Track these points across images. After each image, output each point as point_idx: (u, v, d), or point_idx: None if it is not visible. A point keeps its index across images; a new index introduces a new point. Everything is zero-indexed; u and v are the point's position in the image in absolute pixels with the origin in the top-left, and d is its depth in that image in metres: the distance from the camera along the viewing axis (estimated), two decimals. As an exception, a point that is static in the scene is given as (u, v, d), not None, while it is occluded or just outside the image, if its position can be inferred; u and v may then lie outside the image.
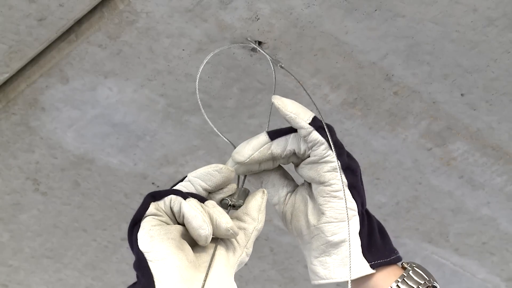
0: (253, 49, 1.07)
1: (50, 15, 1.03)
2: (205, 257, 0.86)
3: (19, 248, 1.39)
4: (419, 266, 0.94)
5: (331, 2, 1.01)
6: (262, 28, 1.05)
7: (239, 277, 1.47)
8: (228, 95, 1.15)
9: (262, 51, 1.05)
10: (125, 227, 1.36)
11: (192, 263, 0.84)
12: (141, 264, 0.84)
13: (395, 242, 1.39)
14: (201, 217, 0.84)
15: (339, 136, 1.20)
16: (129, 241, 0.87)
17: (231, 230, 0.85)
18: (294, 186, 0.98)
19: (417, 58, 1.09)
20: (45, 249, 1.40)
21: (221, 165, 0.92)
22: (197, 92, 1.05)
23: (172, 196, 0.86)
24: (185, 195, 0.86)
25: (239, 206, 0.93)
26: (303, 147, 0.93)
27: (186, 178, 0.92)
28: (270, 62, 1.05)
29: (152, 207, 0.86)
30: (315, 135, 0.92)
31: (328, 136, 0.92)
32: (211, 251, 0.86)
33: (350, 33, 1.06)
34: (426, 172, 1.27)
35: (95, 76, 1.12)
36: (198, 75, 1.04)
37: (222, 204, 0.94)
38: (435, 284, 0.92)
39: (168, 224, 0.86)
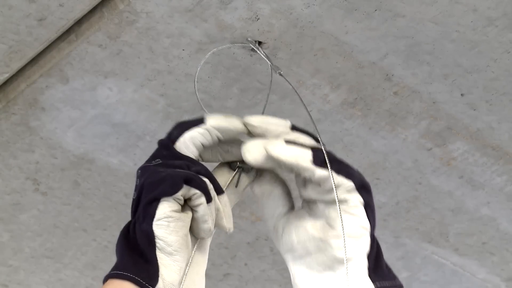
0: (253, 49, 1.07)
1: (50, 15, 1.03)
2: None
3: (19, 248, 1.40)
4: None
5: (331, 2, 1.02)
6: (262, 28, 1.05)
7: (239, 277, 1.47)
8: (228, 95, 1.15)
9: (262, 55, 1.05)
10: (125, 227, 1.36)
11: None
12: (148, 243, 0.85)
13: (395, 242, 1.39)
14: (209, 226, 0.88)
15: (339, 136, 1.21)
16: (143, 212, 0.86)
17: (228, 232, 0.90)
18: (292, 206, 0.96)
19: (417, 58, 1.09)
20: (45, 249, 1.40)
21: (242, 126, 0.93)
22: (196, 91, 1.05)
23: (198, 193, 0.87)
24: (209, 197, 0.88)
25: (248, 169, 0.94)
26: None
27: (205, 125, 0.92)
28: (269, 67, 1.06)
29: (180, 193, 0.86)
30: (320, 173, 0.88)
31: (330, 169, 0.89)
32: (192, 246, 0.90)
33: (350, 33, 1.06)
34: (426, 172, 1.27)
35: (95, 76, 1.12)
36: (196, 74, 1.04)
37: (232, 166, 0.95)
38: None
39: (181, 206, 0.87)
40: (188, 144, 0.92)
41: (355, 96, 1.15)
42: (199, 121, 0.93)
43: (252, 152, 0.91)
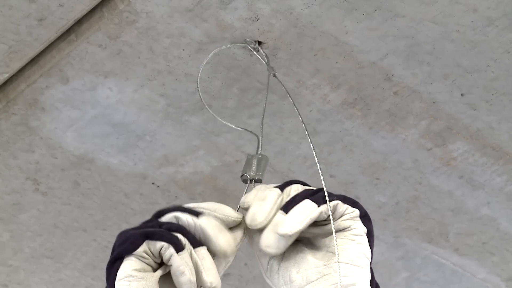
0: (253, 49, 1.07)
1: (50, 15, 1.03)
2: None
3: (19, 248, 1.39)
4: None
5: (331, 2, 1.02)
6: (262, 28, 1.05)
7: (239, 277, 1.47)
8: (228, 95, 1.15)
9: (259, 56, 1.05)
10: (125, 227, 1.36)
11: None
12: None
13: (395, 242, 1.39)
14: (188, 277, 0.83)
15: (339, 136, 1.21)
16: (107, 274, 0.85)
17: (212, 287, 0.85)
18: None
19: (417, 58, 1.09)
20: (45, 249, 1.40)
21: (235, 217, 0.89)
22: (200, 93, 1.05)
23: (165, 245, 0.83)
24: (178, 246, 0.84)
25: (260, 180, 0.91)
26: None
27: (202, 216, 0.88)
28: (266, 68, 1.05)
29: (141, 249, 0.84)
30: (327, 208, 0.87)
31: (329, 203, 0.87)
32: None
33: (350, 33, 1.06)
34: (426, 172, 1.27)
35: (95, 76, 1.12)
36: (199, 75, 1.04)
37: (242, 179, 0.92)
38: None
39: (150, 266, 0.84)
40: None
41: (355, 96, 1.15)
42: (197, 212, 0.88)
43: (273, 246, 0.87)
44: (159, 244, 0.83)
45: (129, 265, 0.83)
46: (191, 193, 1.29)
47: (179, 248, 0.84)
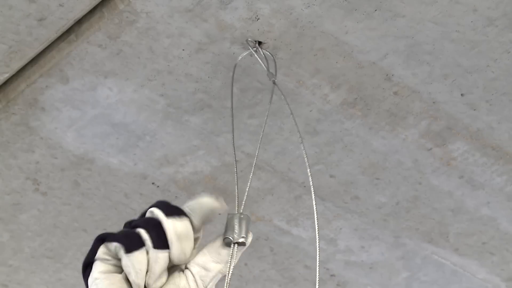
0: (255, 52, 1.07)
1: (50, 15, 1.03)
2: None
3: (19, 248, 1.40)
4: None
5: (331, 2, 1.02)
6: (262, 28, 1.05)
7: (238, 277, 1.47)
8: (228, 95, 1.15)
9: (259, 60, 1.05)
10: (125, 227, 1.36)
11: None
12: None
13: (395, 242, 1.39)
14: (132, 278, 0.83)
15: (339, 136, 1.21)
16: (83, 277, 0.87)
17: None
18: None
19: (417, 58, 1.09)
20: (45, 249, 1.40)
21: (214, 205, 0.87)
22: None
23: (117, 245, 0.84)
24: (131, 246, 0.83)
25: (243, 243, 0.86)
26: None
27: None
28: (270, 66, 1.06)
29: (100, 252, 0.85)
30: None
31: None
32: None
33: (350, 33, 1.06)
34: (426, 172, 1.27)
35: (95, 76, 1.12)
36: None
37: (226, 243, 0.87)
38: None
39: (116, 267, 0.85)
40: None
41: (355, 96, 1.15)
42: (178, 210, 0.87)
43: None
44: (113, 245, 0.84)
45: (95, 270, 0.85)
46: (191, 193, 1.29)
47: (131, 248, 0.83)
